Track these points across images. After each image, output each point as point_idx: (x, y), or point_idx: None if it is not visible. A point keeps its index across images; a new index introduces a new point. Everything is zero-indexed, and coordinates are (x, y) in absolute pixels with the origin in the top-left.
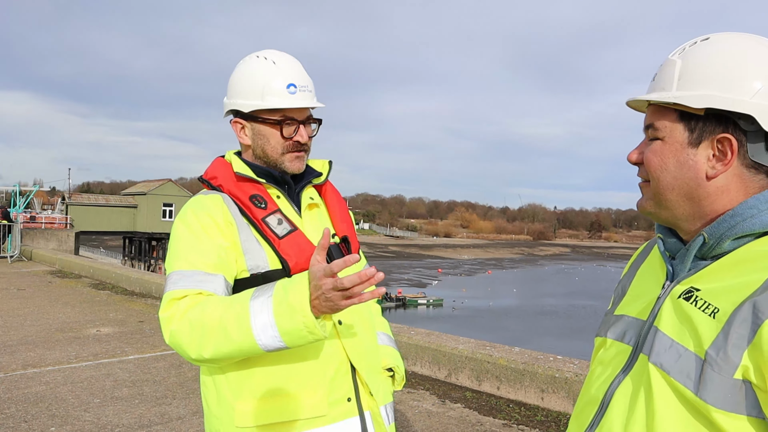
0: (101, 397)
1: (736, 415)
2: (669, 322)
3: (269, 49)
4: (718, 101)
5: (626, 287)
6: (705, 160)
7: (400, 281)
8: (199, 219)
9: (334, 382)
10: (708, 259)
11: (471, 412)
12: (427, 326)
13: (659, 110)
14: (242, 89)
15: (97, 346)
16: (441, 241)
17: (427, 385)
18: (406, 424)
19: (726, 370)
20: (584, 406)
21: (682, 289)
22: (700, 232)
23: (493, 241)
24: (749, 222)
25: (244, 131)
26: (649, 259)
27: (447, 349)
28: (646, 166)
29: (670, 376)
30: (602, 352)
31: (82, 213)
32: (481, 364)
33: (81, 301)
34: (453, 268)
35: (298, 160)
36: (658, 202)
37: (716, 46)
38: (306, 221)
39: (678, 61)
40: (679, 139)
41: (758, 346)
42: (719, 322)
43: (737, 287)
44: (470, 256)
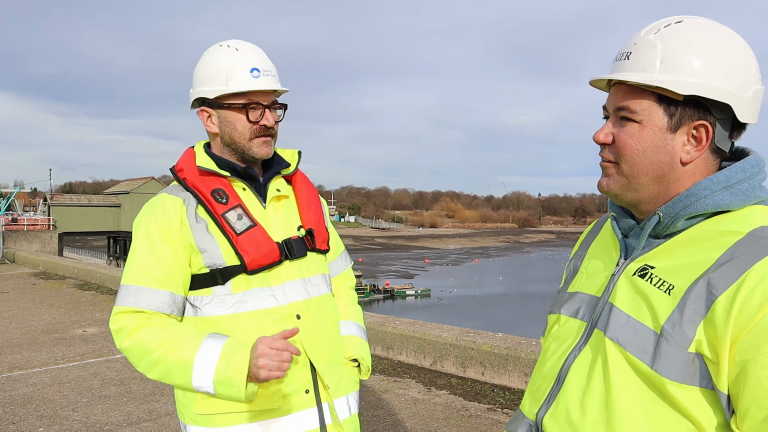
0: (89, 396)
1: (689, 386)
2: (625, 299)
3: (233, 39)
4: (703, 89)
5: (578, 265)
6: (681, 145)
7: (387, 273)
8: (158, 223)
9: (289, 374)
10: (661, 237)
11: (456, 398)
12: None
13: (634, 91)
14: (206, 76)
15: (83, 346)
16: (427, 231)
17: (413, 373)
18: (393, 412)
19: (681, 344)
20: (540, 381)
21: (636, 267)
22: (656, 211)
23: (478, 230)
24: (702, 202)
25: (210, 119)
26: (600, 237)
27: (432, 337)
28: (619, 148)
29: (626, 350)
30: (556, 329)
31: (65, 214)
32: (465, 351)
33: (66, 302)
34: (439, 258)
35: (266, 145)
36: (629, 185)
37: (693, 32)
38: (270, 213)
39: (658, 43)
40: (658, 123)
41: (712, 321)
42: (674, 298)
43: (691, 265)
44: (456, 245)
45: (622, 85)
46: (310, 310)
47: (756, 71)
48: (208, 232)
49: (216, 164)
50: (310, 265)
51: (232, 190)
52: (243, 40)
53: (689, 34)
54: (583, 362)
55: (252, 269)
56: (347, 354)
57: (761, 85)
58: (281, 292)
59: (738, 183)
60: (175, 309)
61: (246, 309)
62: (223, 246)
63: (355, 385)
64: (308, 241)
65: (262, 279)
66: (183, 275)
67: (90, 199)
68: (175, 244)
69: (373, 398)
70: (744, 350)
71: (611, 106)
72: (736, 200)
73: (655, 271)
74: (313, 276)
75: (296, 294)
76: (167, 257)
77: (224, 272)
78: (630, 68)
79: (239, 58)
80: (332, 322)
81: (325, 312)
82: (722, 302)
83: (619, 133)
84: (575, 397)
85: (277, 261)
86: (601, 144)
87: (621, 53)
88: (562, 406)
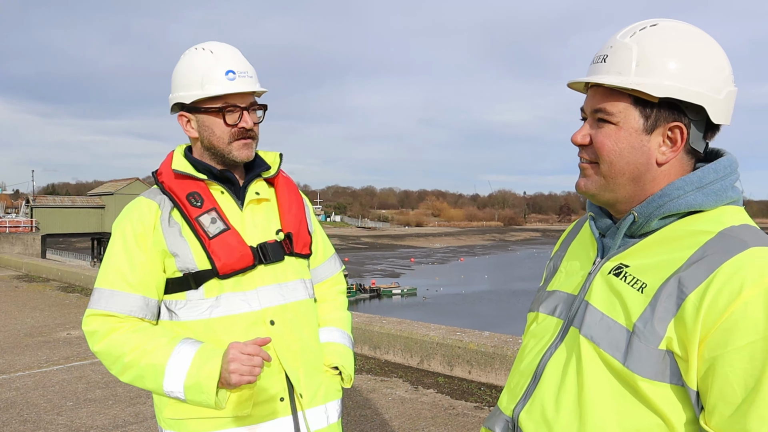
0: (74, 400)
1: (660, 383)
2: (599, 297)
3: (209, 41)
4: (677, 91)
5: (557, 264)
6: (656, 147)
7: (373, 272)
8: (133, 227)
9: (263, 382)
10: (637, 237)
11: (443, 396)
12: (401, 315)
13: (611, 94)
14: (182, 81)
15: (67, 349)
16: (413, 230)
17: (400, 372)
18: (380, 411)
19: (652, 341)
20: (518, 378)
21: (611, 266)
22: (630, 211)
23: (464, 228)
24: (675, 202)
25: (190, 124)
26: (580, 237)
27: (418, 336)
28: (597, 149)
29: (599, 347)
30: (534, 326)
31: (48, 215)
32: (452, 349)
33: (50, 305)
34: (426, 256)
35: (246, 147)
36: (606, 185)
37: (668, 35)
38: (248, 217)
39: (634, 46)
40: (634, 125)
41: (682, 319)
42: (647, 296)
43: (663, 264)
44: (442, 244)
45: (599, 87)
46: (285, 315)
47: (729, 73)
48: (181, 236)
49: (194, 167)
50: (287, 269)
51: (208, 193)
52: (223, 41)
53: (664, 37)
54: (559, 359)
55: (224, 273)
56: (327, 361)
57: (734, 87)
58: (255, 297)
59: (710, 183)
60: (149, 313)
61: (219, 314)
62: (195, 250)
63: (336, 394)
64: (286, 245)
65: (235, 283)
66: (157, 279)
67: (73, 201)
68: (149, 248)
69: (360, 398)
70: (712, 347)
71: (588, 108)
72: (708, 200)
73: (629, 270)
74: (290, 281)
75: (271, 299)
76: (141, 261)
77: (197, 276)
78: (606, 71)
79: (214, 61)
80: (310, 329)
81: (301, 318)
82: (692, 300)
83: (597, 135)
84: (550, 393)
85: (250, 265)
86: (579, 145)
87: (598, 56)
88: (537, 402)
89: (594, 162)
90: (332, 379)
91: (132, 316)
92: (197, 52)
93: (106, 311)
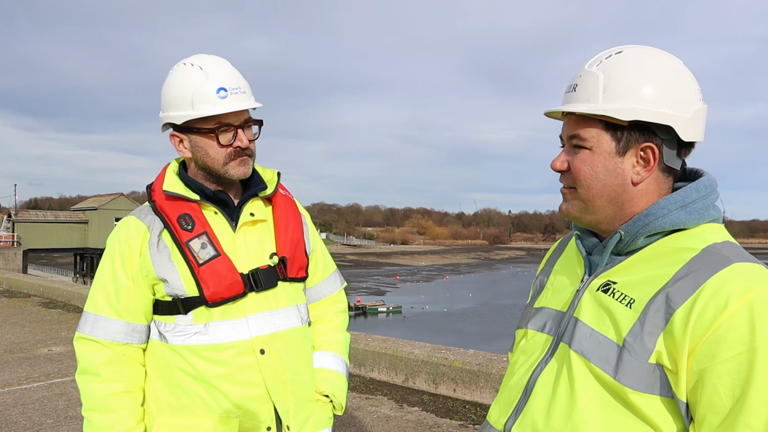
0: (54, 417)
1: (650, 395)
2: (589, 313)
3: (198, 54)
4: (643, 114)
5: (544, 281)
6: (630, 167)
7: (358, 290)
8: (121, 249)
9: (249, 411)
10: (623, 254)
11: (428, 414)
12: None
13: (583, 120)
14: (172, 100)
15: (48, 365)
16: (398, 248)
17: (385, 390)
18: (365, 429)
19: (641, 355)
20: (508, 393)
21: (599, 283)
22: (617, 230)
23: (449, 246)
24: (660, 221)
25: (182, 144)
26: (566, 255)
27: (403, 354)
28: (574, 174)
29: (590, 362)
30: (524, 343)
31: (30, 230)
32: (437, 367)
33: (31, 321)
34: (411, 274)
35: (243, 164)
36: (586, 207)
37: (632, 61)
38: (240, 240)
39: (600, 74)
40: (607, 148)
41: (671, 333)
42: (635, 311)
43: (651, 280)
44: (427, 262)
45: (573, 115)
46: (275, 344)
47: (696, 91)
48: (171, 261)
49: (187, 186)
50: (280, 296)
51: (200, 215)
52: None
53: (628, 63)
54: (550, 374)
55: (213, 302)
56: (319, 389)
57: (702, 104)
58: (244, 325)
59: (693, 203)
60: (134, 338)
61: (206, 341)
62: (185, 276)
63: (327, 422)
64: (280, 269)
65: (224, 311)
66: (144, 304)
67: (56, 216)
68: (135, 274)
69: (345, 416)
70: (700, 360)
71: (565, 135)
72: (691, 219)
73: (617, 287)
74: (282, 308)
75: (261, 327)
76: (127, 287)
77: (186, 302)
78: (577, 99)
79: (204, 78)
80: (302, 357)
81: (293, 346)
82: (680, 315)
83: (573, 160)
84: (542, 407)
85: (240, 293)
86: (558, 171)
87: (569, 86)
88: (529, 416)
89: (573, 187)
90: (323, 407)
91: (115, 342)
92: (186, 68)
93: (91, 336)
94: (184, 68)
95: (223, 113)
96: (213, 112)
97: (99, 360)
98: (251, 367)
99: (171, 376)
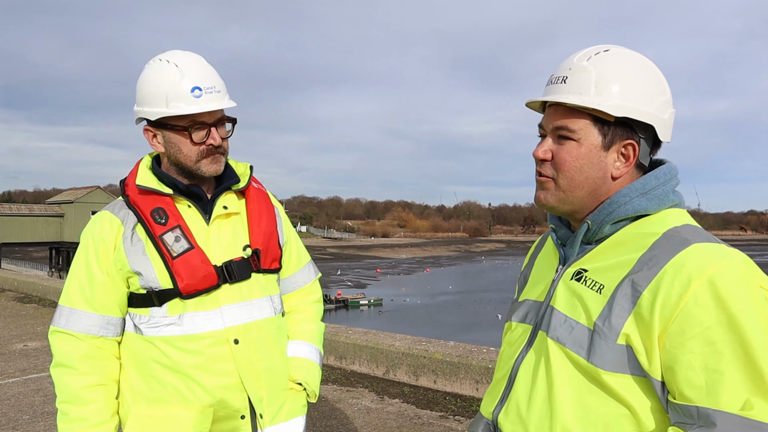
0: (30, 413)
1: (621, 374)
2: (563, 301)
3: (174, 50)
4: (632, 112)
5: (527, 276)
6: (612, 162)
7: (339, 283)
8: (95, 243)
9: (224, 400)
10: (593, 243)
11: (409, 406)
12: (367, 325)
13: (571, 112)
14: (147, 96)
15: (24, 361)
16: (379, 241)
17: (366, 382)
18: (346, 421)
19: (611, 337)
20: (496, 383)
21: (572, 271)
22: (585, 219)
23: (430, 239)
24: (623, 208)
25: (156, 139)
26: (545, 249)
27: (384, 346)
28: (558, 164)
29: (565, 347)
30: (509, 334)
31: (4, 224)
32: (417, 359)
33: (5, 316)
34: (391, 267)
35: (215, 162)
36: (565, 197)
37: (621, 60)
38: (213, 233)
39: (592, 69)
40: (594, 142)
41: (639, 315)
42: (605, 296)
43: (617, 266)
44: (408, 255)
45: (560, 106)
46: (249, 334)
47: (670, 96)
48: (144, 254)
49: (160, 180)
50: (253, 287)
51: (173, 208)
52: (186, 49)
53: (617, 62)
54: (530, 362)
55: (187, 293)
56: (292, 377)
57: (673, 108)
58: (219, 316)
59: (653, 189)
60: (110, 331)
61: (181, 332)
62: (159, 269)
63: (300, 410)
64: (254, 261)
65: (199, 303)
66: (119, 297)
67: (31, 209)
68: (110, 268)
69: (327, 408)
70: (672, 338)
71: (549, 125)
72: (653, 204)
73: (588, 274)
74: (255, 299)
75: (235, 318)
76: (101, 280)
77: (160, 295)
78: (568, 91)
79: (179, 76)
80: (275, 347)
81: (267, 336)
82: (646, 297)
83: (559, 151)
84: (524, 393)
85: (214, 285)
86: (541, 160)
87: (556, 77)
88: (513, 403)
89: (551, 177)
90: (297, 395)
91: (90, 335)
92: (161, 65)
93: (66, 330)
94: (159, 64)
95: (195, 113)
96: (187, 111)
97: (75, 353)
98: (225, 357)
99: (146, 367)
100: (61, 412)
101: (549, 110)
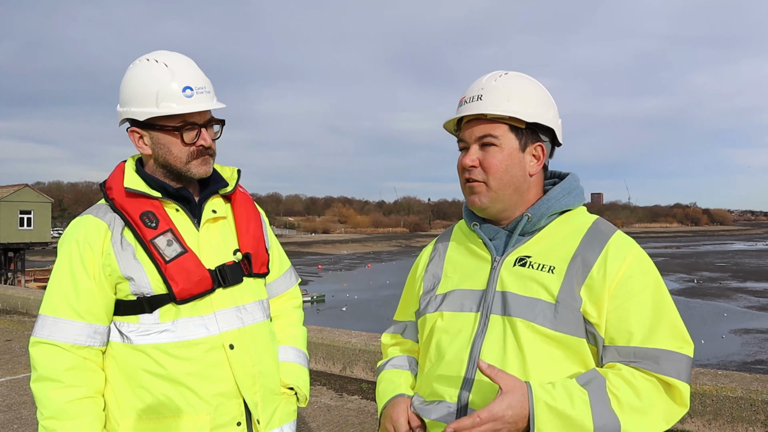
0: None
1: (580, 339)
2: (514, 285)
3: (160, 51)
4: (540, 117)
5: (438, 272)
6: (528, 161)
7: None
8: (80, 249)
9: (220, 407)
10: (526, 235)
11: (369, 402)
12: (312, 322)
13: (492, 123)
14: (135, 96)
15: None
16: (319, 237)
17: (323, 380)
18: (307, 420)
19: (574, 306)
20: (447, 368)
21: (512, 259)
22: (524, 213)
23: (370, 234)
24: (557, 203)
25: (142, 140)
26: (456, 246)
27: (340, 343)
28: (487, 168)
29: (533, 322)
30: (441, 324)
31: None
32: (374, 355)
33: None
34: (333, 263)
35: (205, 164)
36: (496, 197)
37: (521, 80)
38: (204, 236)
39: (502, 87)
40: (513, 145)
41: (591, 286)
42: (558, 275)
43: (562, 249)
44: (349, 250)
45: (479, 120)
46: (243, 339)
47: (557, 109)
48: (135, 259)
49: (147, 184)
50: (245, 291)
51: (163, 212)
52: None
53: (518, 82)
54: (493, 342)
55: (181, 299)
56: (284, 382)
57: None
58: (213, 321)
59: (574, 189)
60: (96, 340)
61: (175, 339)
62: (151, 274)
63: (291, 415)
64: (245, 265)
65: (192, 308)
66: (106, 304)
67: None
68: (97, 272)
69: None
70: (616, 297)
71: (471, 137)
72: (576, 201)
73: (532, 259)
74: (248, 303)
75: (229, 323)
76: (87, 287)
77: (152, 301)
78: (486, 106)
79: (170, 75)
80: (268, 351)
81: (260, 341)
82: (596, 270)
83: (485, 157)
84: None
85: (208, 290)
86: (470, 167)
87: (470, 97)
88: (486, 381)
89: (482, 181)
90: (288, 400)
91: (76, 345)
92: (149, 65)
93: (49, 340)
94: (147, 64)
95: (188, 113)
96: (179, 111)
97: (60, 365)
98: (221, 363)
99: (135, 377)
100: (47, 429)
101: (468, 125)
